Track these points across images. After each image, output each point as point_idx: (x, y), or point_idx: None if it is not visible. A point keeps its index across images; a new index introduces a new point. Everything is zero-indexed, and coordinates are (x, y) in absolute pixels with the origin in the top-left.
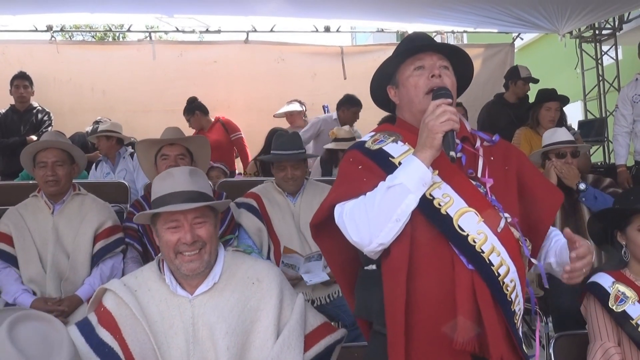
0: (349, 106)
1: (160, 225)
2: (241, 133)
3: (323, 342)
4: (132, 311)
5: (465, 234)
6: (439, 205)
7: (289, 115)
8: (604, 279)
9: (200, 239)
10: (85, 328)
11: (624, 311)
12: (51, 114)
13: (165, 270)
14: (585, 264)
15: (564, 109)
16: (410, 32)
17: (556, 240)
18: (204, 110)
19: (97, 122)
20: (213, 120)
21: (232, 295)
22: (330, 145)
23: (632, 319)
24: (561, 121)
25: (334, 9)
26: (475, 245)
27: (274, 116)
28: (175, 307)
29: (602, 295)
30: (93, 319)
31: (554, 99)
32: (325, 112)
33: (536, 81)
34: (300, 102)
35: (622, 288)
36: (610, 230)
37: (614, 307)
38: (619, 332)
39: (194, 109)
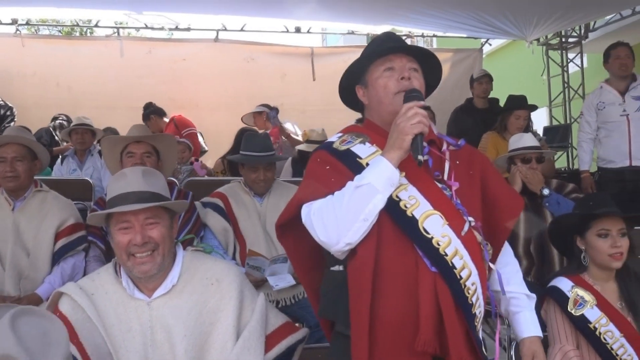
0: None
1: (112, 227)
2: (194, 129)
3: (284, 343)
4: (88, 315)
5: (429, 236)
6: (405, 207)
7: (254, 120)
8: (563, 284)
9: (152, 240)
10: None
11: (583, 315)
12: (14, 109)
13: (122, 273)
14: None
15: (531, 114)
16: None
17: (505, 267)
18: (159, 113)
19: (55, 118)
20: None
21: (191, 297)
22: (302, 147)
23: (590, 323)
24: (527, 127)
25: (305, 9)
26: (439, 248)
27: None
28: (132, 310)
29: (561, 299)
30: None
31: (524, 107)
32: (271, 118)
33: (490, 76)
34: (265, 105)
35: (580, 292)
36: (570, 235)
37: (572, 311)
38: (577, 336)
39: (149, 114)
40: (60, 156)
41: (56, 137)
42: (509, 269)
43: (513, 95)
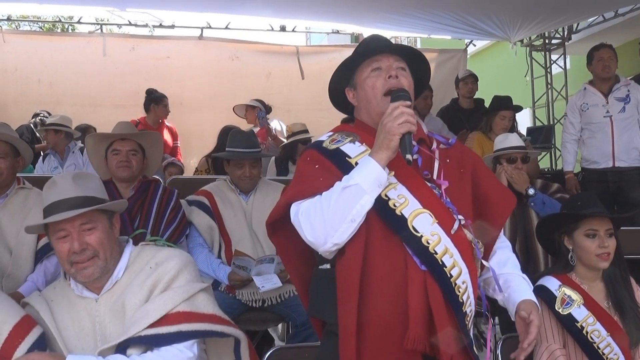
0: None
1: (51, 236)
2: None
3: (198, 325)
4: (45, 321)
5: (419, 235)
6: (394, 206)
7: (246, 113)
8: (551, 283)
9: (90, 246)
10: None
11: (570, 314)
12: None
13: (69, 276)
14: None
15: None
16: (365, 35)
17: (499, 261)
18: (157, 101)
19: (36, 115)
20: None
21: (133, 287)
22: (289, 141)
23: (577, 322)
24: (512, 127)
25: (290, 8)
26: (428, 247)
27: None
28: (83, 309)
29: (548, 298)
30: None
31: (510, 108)
32: (260, 118)
33: (475, 76)
34: (257, 101)
35: (568, 291)
36: (558, 234)
37: (560, 310)
38: (564, 335)
39: (150, 102)
40: (42, 154)
41: (37, 134)
42: (505, 252)
43: (498, 95)
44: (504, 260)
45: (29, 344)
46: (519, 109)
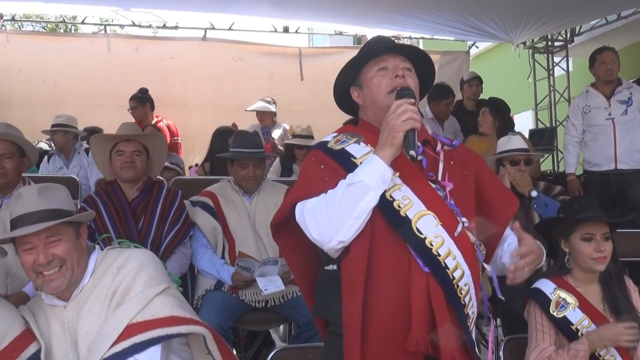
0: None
1: (18, 247)
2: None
3: (152, 333)
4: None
5: (423, 236)
6: (399, 207)
7: (260, 113)
8: (546, 286)
9: (57, 257)
10: None
11: (565, 317)
12: None
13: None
14: (528, 262)
15: (515, 117)
16: (368, 36)
17: (510, 243)
18: (152, 105)
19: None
20: (157, 118)
21: (96, 293)
22: (289, 141)
23: (572, 324)
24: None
25: (293, 8)
26: (432, 249)
27: (245, 110)
28: (54, 317)
29: (543, 301)
30: None
31: (485, 104)
32: (264, 134)
33: (480, 79)
34: (274, 103)
35: (563, 294)
36: (555, 238)
37: (555, 313)
38: (559, 337)
39: (145, 100)
40: (46, 155)
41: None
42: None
43: (490, 97)
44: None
45: None
46: (498, 106)
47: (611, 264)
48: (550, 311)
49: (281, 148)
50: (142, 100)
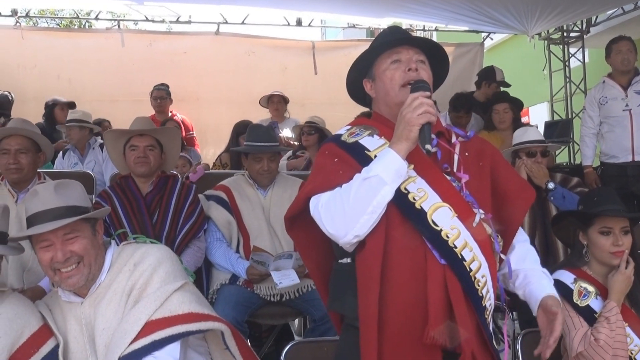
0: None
1: (35, 245)
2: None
3: (171, 330)
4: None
5: (438, 228)
6: (414, 199)
7: (274, 102)
8: (566, 276)
9: (75, 254)
10: None
11: (588, 305)
12: (12, 94)
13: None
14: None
15: (530, 109)
16: (381, 29)
17: (525, 272)
18: (171, 101)
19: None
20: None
21: (113, 289)
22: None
23: (596, 313)
24: (517, 120)
25: (306, 1)
26: (448, 241)
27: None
28: (71, 314)
29: (565, 291)
30: None
31: (501, 100)
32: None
33: (508, 85)
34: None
35: (583, 284)
36: (573, 229)
37: (578, 302)
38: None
39: (169, 94)
40: (61, 151)
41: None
42: (524, 246)
43: (498, 91)
44: (523, 255)
45: (42, 355)
46: (517, 102)
47: (630, 255)
48: (574, 300)
49: (295, 143)
50: (168, 93)
